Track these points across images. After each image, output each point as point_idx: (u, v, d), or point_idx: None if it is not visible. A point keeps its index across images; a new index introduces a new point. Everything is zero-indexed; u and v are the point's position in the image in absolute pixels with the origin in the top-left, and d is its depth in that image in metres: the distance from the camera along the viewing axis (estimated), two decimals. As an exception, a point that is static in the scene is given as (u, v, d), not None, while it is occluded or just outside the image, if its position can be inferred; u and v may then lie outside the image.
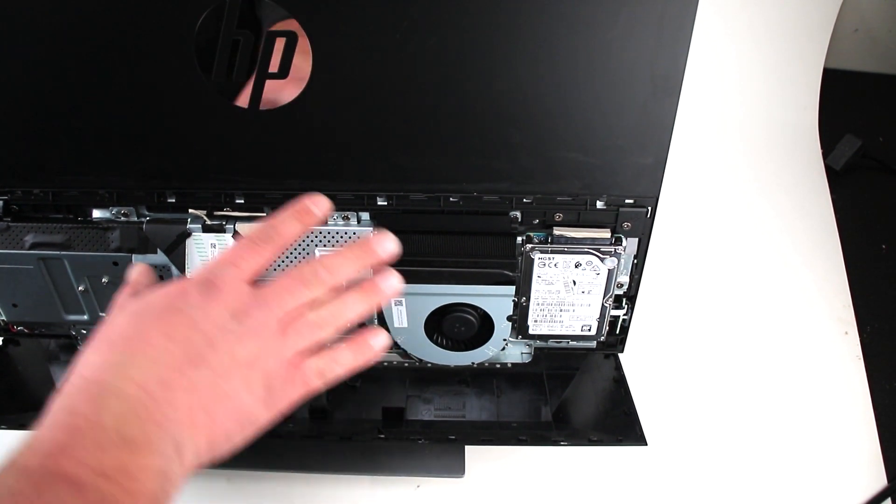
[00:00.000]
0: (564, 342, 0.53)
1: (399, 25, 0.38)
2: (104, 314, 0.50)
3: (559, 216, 0.46)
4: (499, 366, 0.56)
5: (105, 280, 0.48)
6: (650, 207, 0.45)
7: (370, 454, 0.53)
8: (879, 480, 0.56)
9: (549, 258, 0.46)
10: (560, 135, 0.42)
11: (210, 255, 0.46)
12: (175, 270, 0.47)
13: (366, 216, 0.46)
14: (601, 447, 0.51)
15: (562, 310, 0.49)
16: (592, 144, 0.42)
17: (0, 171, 0.45)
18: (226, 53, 0.39)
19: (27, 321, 0.52)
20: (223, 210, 0.45)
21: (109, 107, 0.41)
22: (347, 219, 0.46)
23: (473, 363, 0.53)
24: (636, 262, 0.48)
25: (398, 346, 0.52)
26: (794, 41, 0.84)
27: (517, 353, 0.55)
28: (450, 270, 0.46)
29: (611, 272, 0.46)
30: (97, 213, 0.47)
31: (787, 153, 0.83)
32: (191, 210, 0.46)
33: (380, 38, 0.39)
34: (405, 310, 0.49)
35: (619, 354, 0.55)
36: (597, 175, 0.43)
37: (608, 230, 0.46)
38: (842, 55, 0.90)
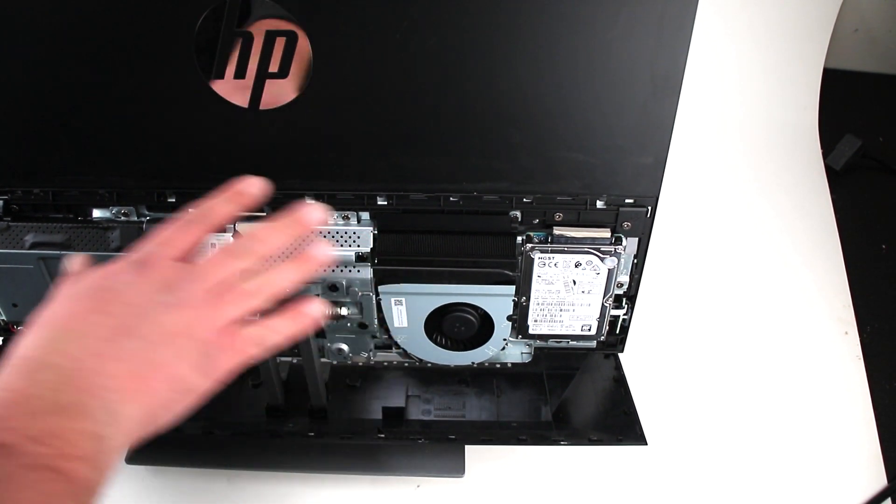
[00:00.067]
0: (564, 342, 0.53)
1: (399, 25, 0.38)
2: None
3: (559, 216, 0.46)
4: (499, 365, 0.56)
5: (105, 280, 0.48)
6: (650, 207, 0.45)
7: (370, 454, 0.53)
8: (879, 480, 0.56)
9: (549, 258, 0.46)
10: (560, 135, 0.42)
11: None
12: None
13: (366, 216, 0.46)
14: (601, 447, 0.51)
15: (562, 309, 0.49)
16: (592, 144, 0.42)
17: (0, 171, 0.45)
18: (225, 53, 0.39)
19: (27, 321, 0.52)
20: (223, 210, 0.45)
21: (109, 107, 0.42)
22: (347, 219, 0.46)
23: (473, 363, 0.53)
24: (636, 262, 0.49)
25: (398, 346, 0.52)
26: (794, 41, 0.84)
27: (517, 353, 0.55)
28: (450, 270, 0.46)
29: (611, 272, 0.46)
30: (97, 213, 0.47)
31: (787, 153, 0.83)
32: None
33: (380, 38, 0.39)
34: (405, 310, 0.49)
35: (619, 354, 0.55)
36: (597, 175, 0.43)
37: (608, 230, 0.46)
38: (842, 55, 0.90)
